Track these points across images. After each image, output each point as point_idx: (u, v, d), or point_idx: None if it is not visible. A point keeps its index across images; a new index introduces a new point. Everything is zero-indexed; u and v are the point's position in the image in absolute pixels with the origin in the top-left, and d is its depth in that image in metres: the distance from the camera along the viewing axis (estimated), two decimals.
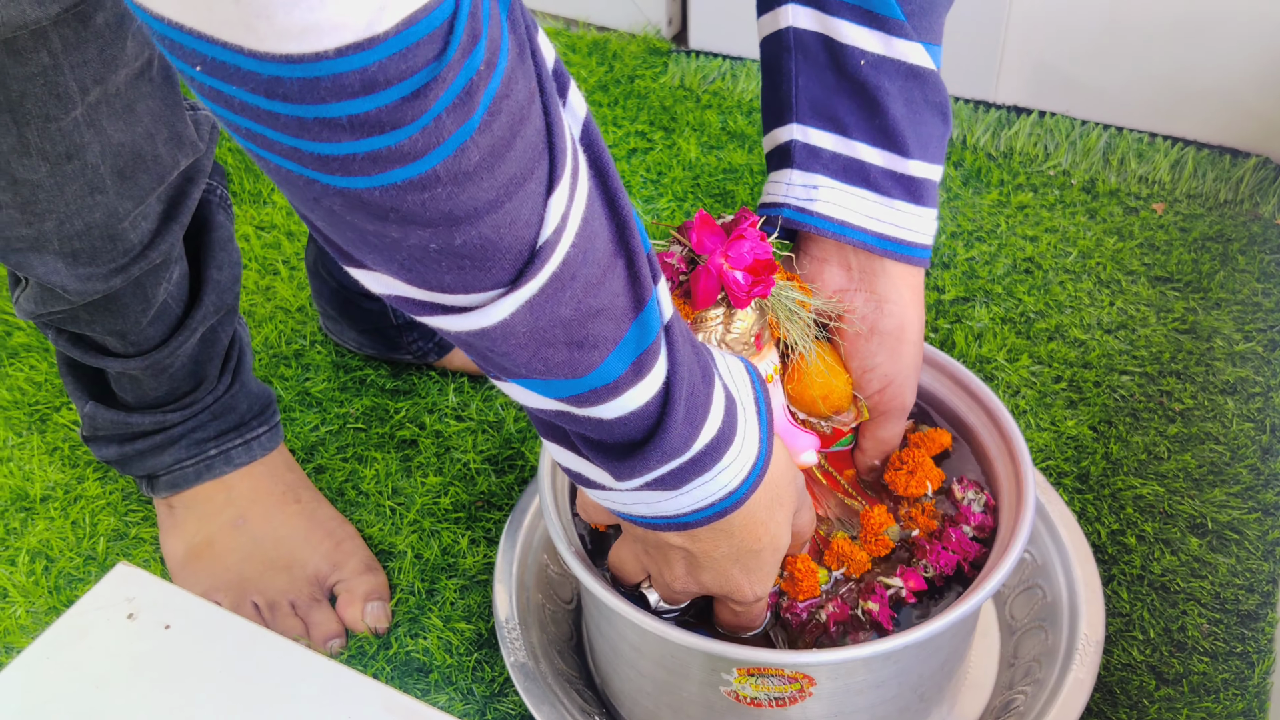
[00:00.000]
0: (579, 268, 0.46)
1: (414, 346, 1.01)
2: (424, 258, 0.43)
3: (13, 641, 0.85)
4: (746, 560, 0.62)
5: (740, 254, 0.64)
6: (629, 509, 0.59)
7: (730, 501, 0.58)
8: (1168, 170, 1.21)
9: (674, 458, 0.54)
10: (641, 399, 0.52)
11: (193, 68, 0.37)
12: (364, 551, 0.88)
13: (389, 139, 0.38)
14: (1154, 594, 0.85)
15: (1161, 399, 0.99)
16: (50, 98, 0.64)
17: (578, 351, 0.49)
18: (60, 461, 0.97)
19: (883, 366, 0.70)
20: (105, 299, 0.75)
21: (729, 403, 0.57)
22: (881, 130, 0.66)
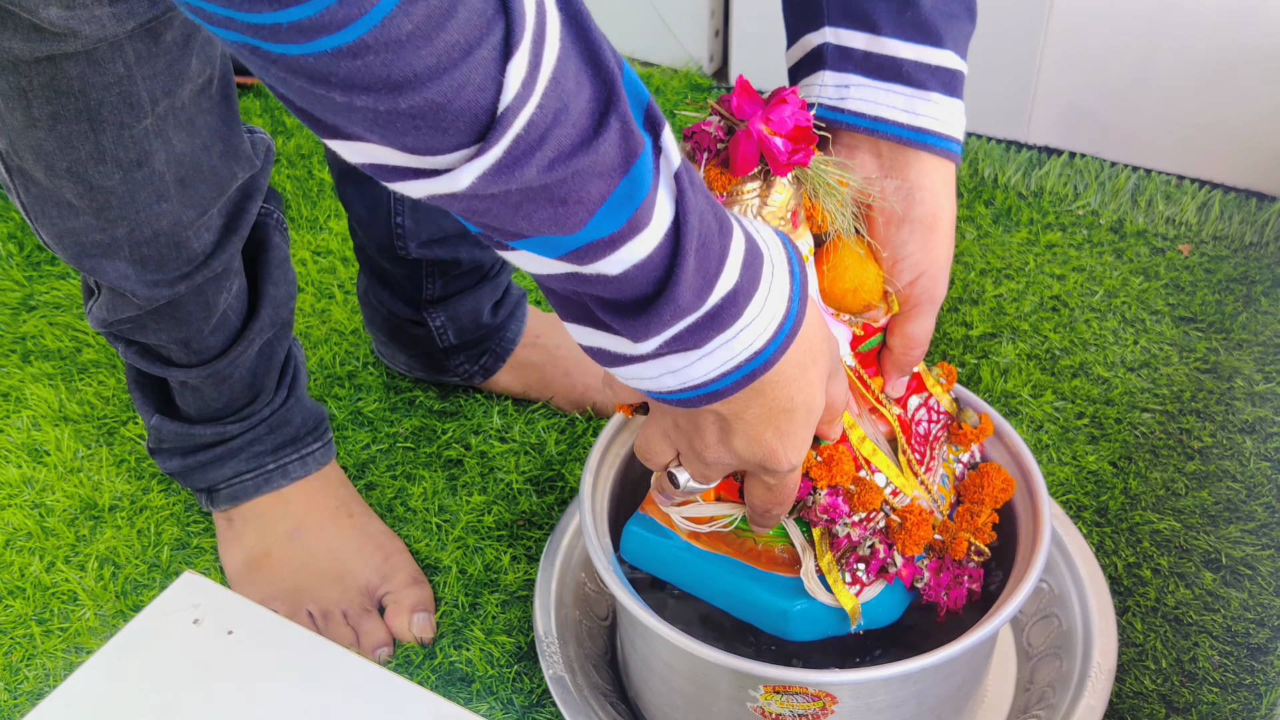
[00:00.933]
0: (549, 130, 0.46)
1: (461, 369, 1.06)
2: (376, 120, 0.43)
3: (83, 643, 0.90)
4: (779, 421, 0.60)
5: (781, 118, 0.63)
6: (657, 384, 0.58)
7: (759, 362, 0.57)
8: (1194, 212, 1.24)
9: (689, 312, 0.54)
10: (644, 250, 0.51)
11: None
12: (411, 565, 0.92)
13: (306, 10, 0.39)
14: (1167, 625, 0.88)
15: (1181, 437, 1.02)
16: (124, 106, 0.70)
17: (562, 208, 0.48)
18: (127, 473, 1.02)
19: (914, 256, 0.69)
20: (170, 306, 0.81)
21: (750, 255, 0.55)
22: (914, 24, 0.67)
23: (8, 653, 0.89)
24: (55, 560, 0.95)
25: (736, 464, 0.63)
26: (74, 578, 0.94)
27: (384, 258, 0.99)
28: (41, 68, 0.67)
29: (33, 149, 0.71)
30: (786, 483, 0.65)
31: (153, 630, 0.79)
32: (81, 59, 0.68)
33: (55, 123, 0.70)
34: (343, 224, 1.28)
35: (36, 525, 0.98)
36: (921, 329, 0.71)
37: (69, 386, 1.10)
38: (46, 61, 0.67)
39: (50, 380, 1.11)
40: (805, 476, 0.69)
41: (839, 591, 0.71)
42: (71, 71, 0.68)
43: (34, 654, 0.89)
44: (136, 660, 0.77)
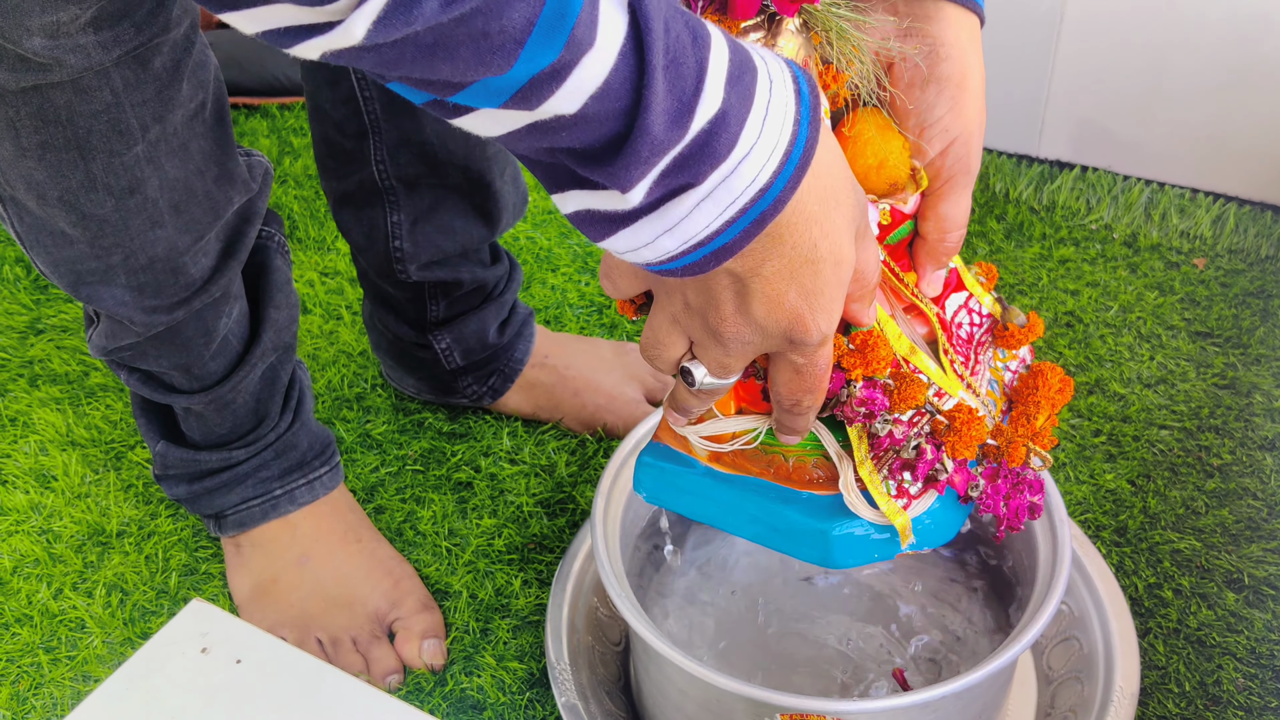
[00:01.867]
0: None
1: (469, 391, 1.05)
2: None
3: (90, 670, 0.89)
4: (802, 275, 0.52)
5: None
6: (656, 248, 0.50)
7: (769, 199, 0.49)
8: (1209, 226, 1.23)
9: (671, 144, 0.47)
10: (597, 75, 0.44)
11: None
12: (421, 590, 0.91)
13: None
14: (1190, 647, 0.87)
15: (1200, 454, 1.01)
16: (113, 133, 0.70)
17: (484, 42, 0.43)
18: (135, 498, 1.02)
19: (944, 120, 0.61)
20: (170, 333, 0.80)
21: (736, 68, 0.48)
22: None
23: (15, 681, 0.89)
24: (63, 587, 0.95)
25: (758, 339, 0.55)
26: (81, 605, 0.93)
27: (386, 282, 0.98)
28: (28, 97, 0.67)
29: (24, 179, 0.71)
30: (818, 360, 0.56)
31: (161, 659, 0.78)
32: (68, 88, 0.67)
33: (44, 152, 0.69)
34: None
35: (44, 552, 0.97)
36: (958, 208, 0.63)
37: (76, 411, 1.10)
38: (33, 91, 0.67)
39: (58, 404, 1.10)
40: (837, 367, 0.60)
41: (884, 504, 0.61)
42: (58, 101, 0.67)
43: (41, 683, 0.88)
44: (144, 690, 0.76)
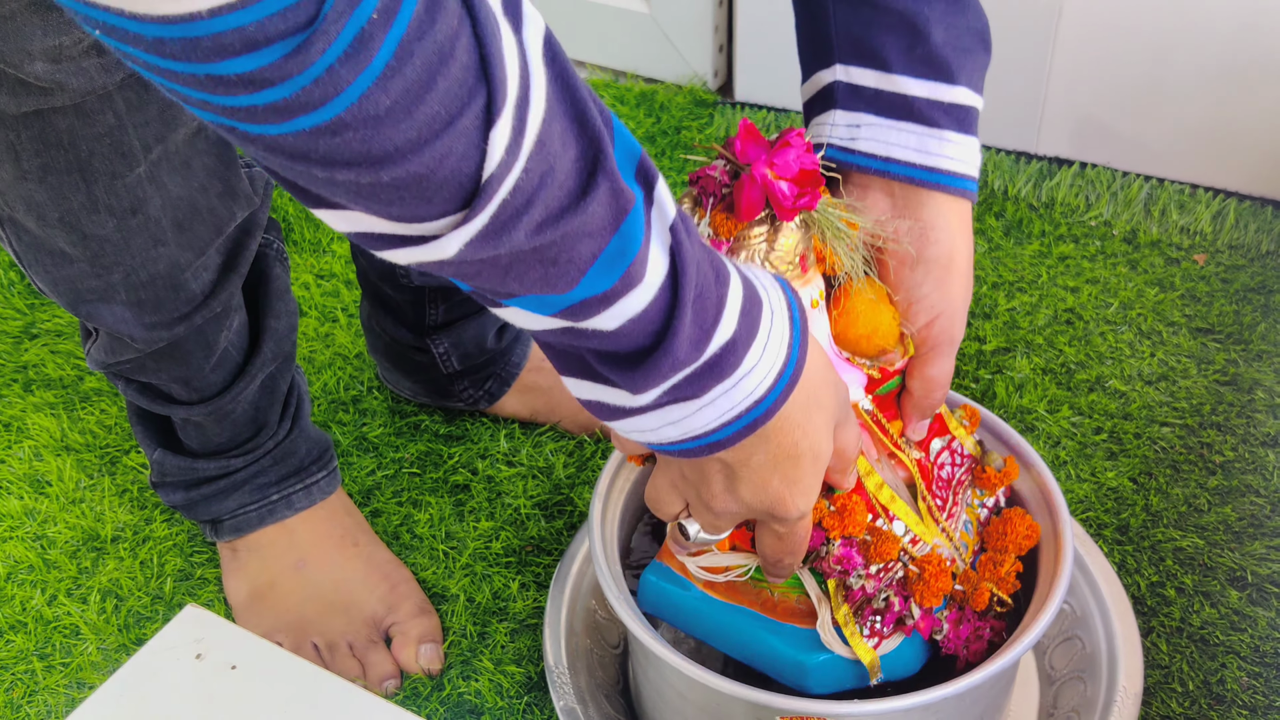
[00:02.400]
0: (536, 193, 0.45)
1: (465, 394, 1.04)
2: (359, 192, 0.42)
3: (85, 678, 0.88)
4: (785, 468, 0.59)
5: (786, 162, 0.62)
6: (659, 435, 0.57)
7: (760, 410, 0.56)
8: (1209, 221, 1.22)
9: (687, 363, 0.53)
10: (639, 304, 0.50)
11: (95, 29, 0.38)
12: (418, 594, 0.91)
13: (282, 91, 0.38)
14: (1193, 646, 0.86)
15: (1202, 451, 1.00)
16: (116, 156, 0.69)
17: (553, 269, 0.48)
18: (129, 503, 1.01)
19: (930, 297, 0.68)
20: (170, 347, 0.80)
21: (748, 303, 0.54)
22: (924, 60, 0.65)
23: (9, 689, 0.88)
24: (57, 593, 0.94)
25: (745, 513, 0.62)
26: (76, 611, 0.92)
27: (386, 284, 0.97)
28: (29, 121, 0.66)
29: (23, 200, 0.70)
30: (797, 531, 0.64)
31: (155, 665, 0.77)
32: (70, 112, 0.66)
33: (46, 175, 0.68)
34: (346, 247, 1.27)
35: (38, 558, 0.97)
36: (941, 371, 0.70)
37: (71, 416, 1.09)
38: (34, 116, 0.66)
39: (52, 409, 1.10)
40: (818, 526, 0.68)
41: (856, 645, 0.69)
42: (60, 125, 0.66)
43: (35, 690, 0.88)
44: (139, 696, 0.76)
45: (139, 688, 0.76)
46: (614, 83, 1.50)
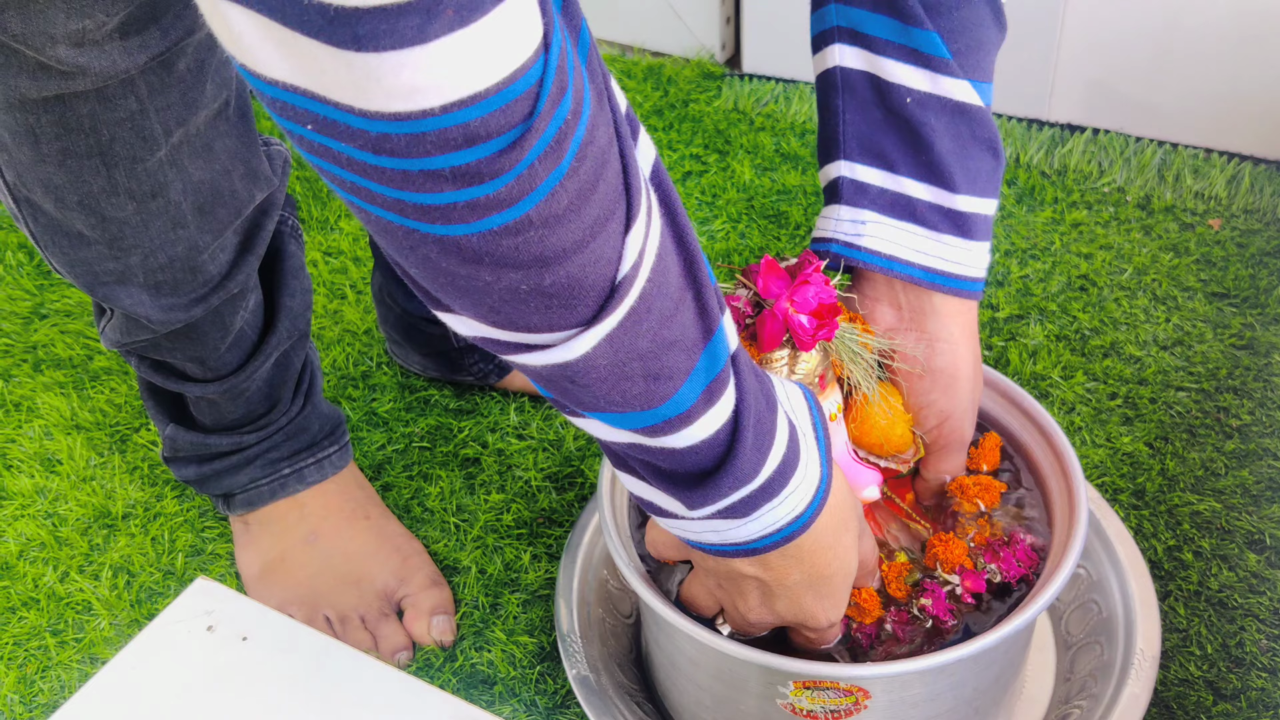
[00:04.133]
0: (653, 301, 0.48)
1: (475, 368, 1.04)
2: (513, 299, 0.45)
3: (98, 653, 0.88)
4: (819, 586, 0.63)
5: (805, 299, 0.65)
6: (699, 537, 0.60)
7: (796, 526, 0.59)
8: (1224, 186, 1.21)
9: (744, 485, 0.56)
10: (712, 427, 0.53)
11: (303, 126, 0.39)
12: (430, 567, 0.90)
13: (487, 188, 0.40)
14: (1211, 610, 0.85)
15: (1218, 415, 0.99)
16: (137, 140, 0.68)
17: (653, 383, 0.50)
18: (140, 480, 1.01)
19: (939, 403, 0.71)
20: (186, 328, 0.79)
21: (791, 428, 0.58)
22: (928, 166, 0.67)
23: (22, 665, 0.88)
24: (69, 570, 0.94)
25: (778, 623, 0.67)
26: (88, 587, 0.92)
27: None
28: (49, 106, 0.65)
29: (41, 182, 0.69)
30: (827, 635, 0.68)
31: (166, 638, 0.77)
32: (92, 97, 0.65)
33: (65, 158, 0.68)
34: (354, 224, 1.26)
35: (50, 535, 0.97)
36: (952, 466, 0.74)
37: (80, 395, 1.09)
38: (55, 100, 0.65)
39: (62, 389, 1.10)
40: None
41: None
42: (81, 109, 0.66)
43: (49, 665, 0.88)
44: (150, 668, 0.76)
45: (151, 658, 0.76)
46: (621, 57, 1.49)
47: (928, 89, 0.66)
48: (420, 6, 0.36)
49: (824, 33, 0.69)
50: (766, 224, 1.22)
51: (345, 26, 0.36)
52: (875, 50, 0.66)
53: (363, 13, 0.36)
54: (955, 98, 0.66)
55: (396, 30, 0.36)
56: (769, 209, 1.24)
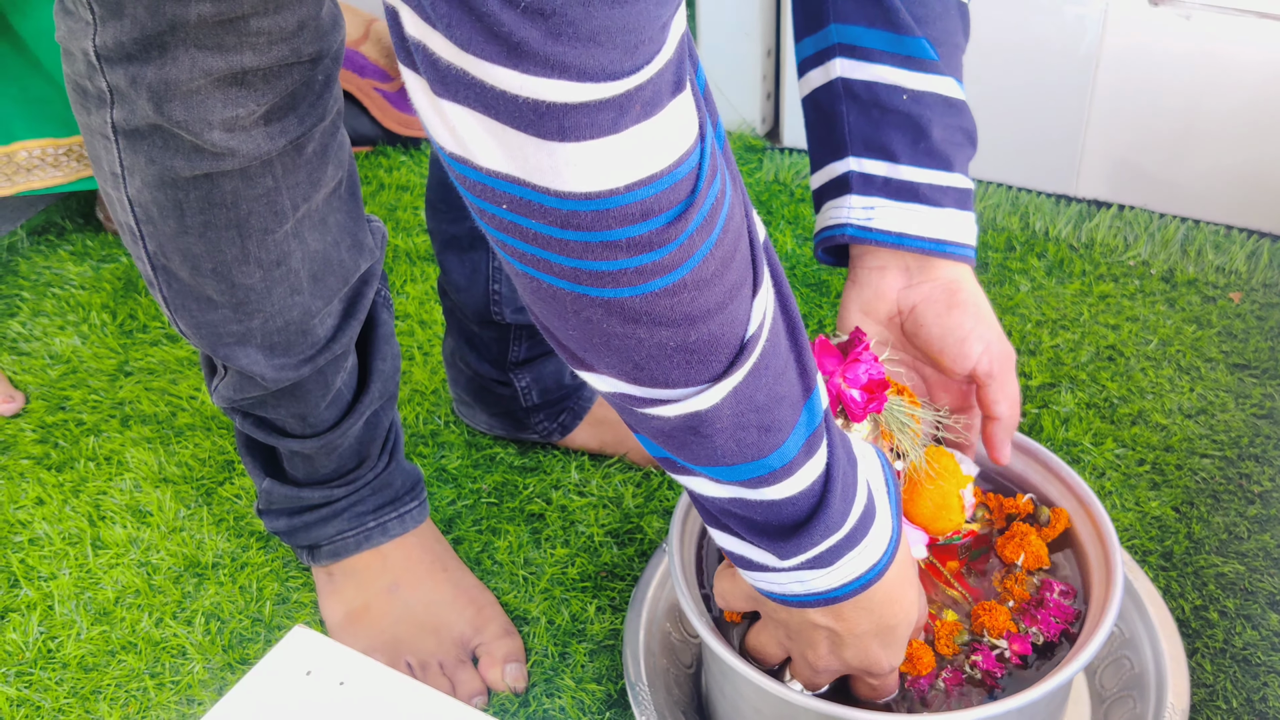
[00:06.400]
0: (770, 359, 0.56)
1: (540, 427, 1.11)
2: (660, 355, 0.52)
3: (194, 694, 0.95)
4: (885, 636, 0.69)
5: (856, 375, 0.73)
6: (784, 589, 0.66)
7: (872, 574, 0.65)
8: (1244, 261, 1.27)
9: (833, 533, 0.62)
10: (809, 479, 0.60)
11: (498, 206, 0.47)
12: (503, 617, 0.97)
13: (655, 255, 0.48)
14: (1236, 666, 0.91)
15: (1241, 481, 1.05)
16: (270, 214, 0.76)
17: (765, 434, 0.57)
18: (227, 531, 1.08)
19: (976, 329, 0.76)
20: (292, 386, 0.86)
21: (869, 481, 0.65)
22: (927, 152, 0.76)
23: (124, 705, 0.94)
24: (163, 616, 1.01)
25: (844, 670, 0.72)
26: (182, 633, 0.99)
27: (475, 322, 1.04)
28: (199, 183, 0.73)
29: (181, 252, 0.77)
30: (889, 682, 0.74)
31: (268, 681, 0.83)
32: (236, 175, 0.74)
33: (206, 230, 0.75)
34: (419, 289, 1.34)
35: (144, 583, 1.03)
36: (1013, 387, 0.79)
37: (167, 449, 1.16)
38: (204, 178, 0.73)
39: (149, 444, 1.17)
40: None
41: None
42: (226, 186, 0.74)
43: (149, 706, 0.94)
44: (255, 710, 0.82)
45: (255, 701, 0.82)
46: None
47: (921, 87, 0.76)
48: (615, 103, 0.44)
49: (824, 50, 0.78)
50: (809, 292, 1.29)
51: (553, 120, 0.44)
52: (873, 60, 0.76)
53: (569, 108, 0.44)
54: (944, 93, 0.76)
55: (596, 123, 0.44)
56: (811, 278, 1.31)
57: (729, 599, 0.75)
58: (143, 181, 0.73)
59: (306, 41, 0.71)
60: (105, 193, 0.77)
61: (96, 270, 1.41)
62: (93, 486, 1.12)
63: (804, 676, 0.74)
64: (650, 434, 0.58)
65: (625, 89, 0.44)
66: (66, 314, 1.34)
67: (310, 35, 0.71)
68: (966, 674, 0.77)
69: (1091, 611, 0.78)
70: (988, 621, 0.78)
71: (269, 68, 0.69)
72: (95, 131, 0.73)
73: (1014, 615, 0.79)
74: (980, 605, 0.79)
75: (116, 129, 0.71)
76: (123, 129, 0.71)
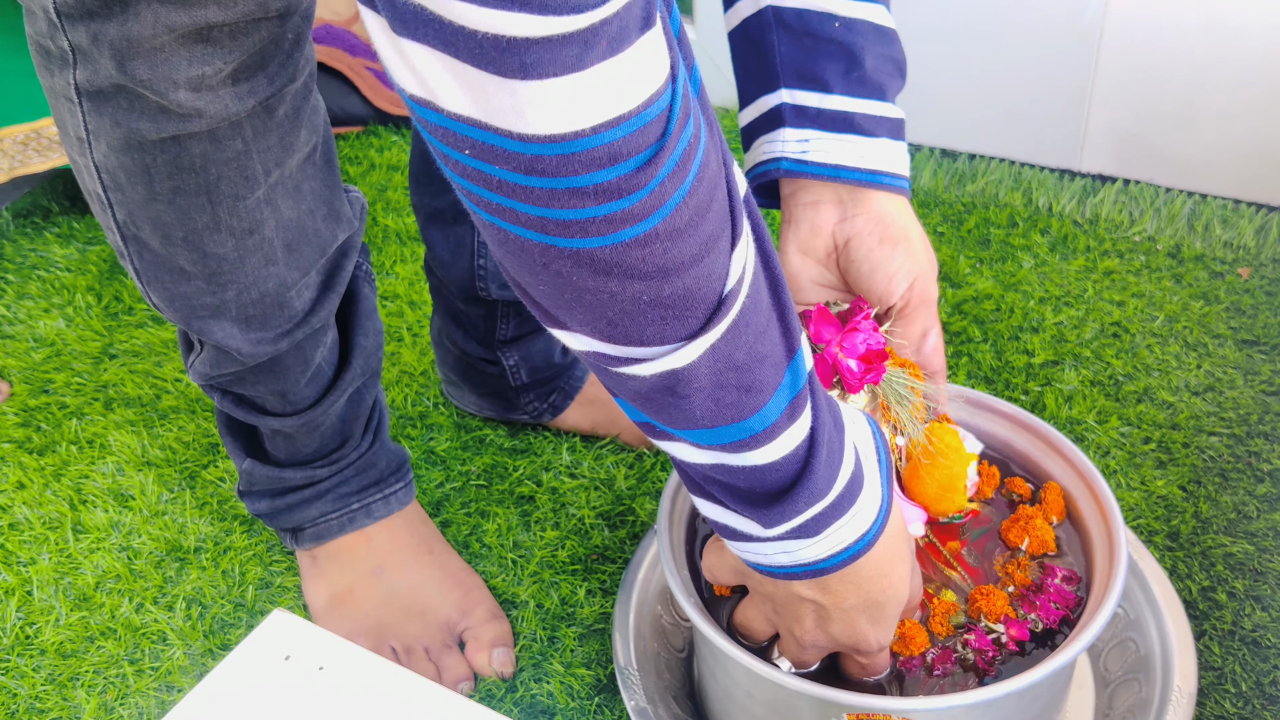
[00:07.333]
0: (750, 316, 0.53)
1: (530, 407, 1.08)
2: (633, 310, 0.50)
3: (174, 681, 0.93)
4: (873, 611, 0.67)
5: (854, 344, 0.70)
6: (770, 559, 0.64)
7: (860, 545, 0.63)
8: (1252, 235, 1.24)
9: (818, 500, 0.60)
10: (792, 443, 0.58)
11: (460, 152, 0.45)
12: (490, 601, 0.94)
13: (624, 203, 0.46)
14: (1245, 648, 0.88)
15: (1250, 459, 1.02)
16: (241, 179, 0.74)
17: (745, 395, 0.55)
18: (210, 515, 1.05)
19: (905, 265, 0.75)
20: (271, 361, 0.84)
21: (856, 449, 0.63)
22: (860, 81, 0.74)
23: (102, 692, 0.92)
24: (144, 601, 0.98)
25: (832, 646, 0.71)
26: (163, 618, 0.97)
27: (461, 299, 1.01)
28: (165, 146, 0.71)
29: (151, 220, 0.74)
30: (878, 660, 0.72)
31: (246, 666, 0.81)
32: (204, 137, 0.71)
33: (175, 196, 0.73)
34: (408, 269, 1.31)
35: (125, 568, 1.01)
36: (926, 321, 0.77)
37: (150, 432, 1.14)
38: (171, 141, 0.70)
39: (133, 427, 1.14)
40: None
41: None
42: (194, 149, 0.71)
43: (127, 693, 0.92)
44: (233, 695, 0.79)
45: (232, 686, 0.80)
46: None
47: (852, 14, 0.73)
48: (579, 38, 0.42)
49: None
50: None
51: (514, 56, 0.41)
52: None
53: (530, 43, 0.41)
54: (875, 20, 0.74)
55: (559, 59, 0.42)
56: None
57: (716, 573, 0.73)
58: (109, 146, 0.71)
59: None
60: (72, 159, 0.75)
61: (82, 253, 1.38)
62: (75, 470, 1.10)
63: (791, 653, 0.72)
64: (628, 396, 0.55)
65: (589, 23, 0.42)
66: (51, 296, 1.32)
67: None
68: (958, 653, 0.74)
69: (1094, 592, 0.76)
70: (985, 607, 0.75)
71: (235, 23, 0.66)
72: (59, 94, 0.71)
73: (1013, 600, 0.76)
74: (978, 590, 0.76)
75: (80, 90, 0.69)
76: (86, 90, 0.69)
